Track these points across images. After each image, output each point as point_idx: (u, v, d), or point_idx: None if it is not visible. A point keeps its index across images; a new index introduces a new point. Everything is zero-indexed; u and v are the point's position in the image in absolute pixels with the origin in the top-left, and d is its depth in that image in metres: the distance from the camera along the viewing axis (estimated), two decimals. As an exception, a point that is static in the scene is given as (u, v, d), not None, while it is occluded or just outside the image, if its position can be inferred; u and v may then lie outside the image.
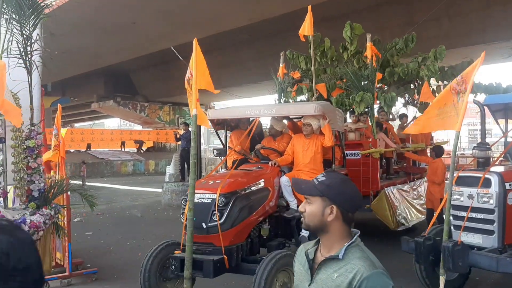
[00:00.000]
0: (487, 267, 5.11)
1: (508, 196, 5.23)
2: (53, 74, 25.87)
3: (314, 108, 6.38)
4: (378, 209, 8.64)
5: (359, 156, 8.79)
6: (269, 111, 6.76)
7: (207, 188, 5.59)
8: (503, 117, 7.13)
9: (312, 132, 6.59)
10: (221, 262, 5.19)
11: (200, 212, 5.29)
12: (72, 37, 17.83)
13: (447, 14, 16.28)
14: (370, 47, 9.41)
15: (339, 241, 1.95)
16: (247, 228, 5.73)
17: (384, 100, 9.10)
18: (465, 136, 34.40)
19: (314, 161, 6.53)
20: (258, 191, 5.96)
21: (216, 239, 5.25)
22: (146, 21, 15.86)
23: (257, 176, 6.21)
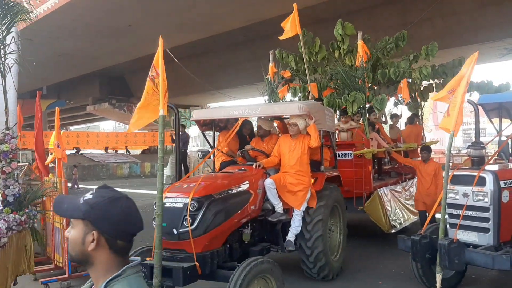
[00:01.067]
0: (483, 265, 5.18)
1: (503, 194, 5.31)
2: (48, 77, 25.92)
3: (299, 108, 6.22)
4: (372, 211, 8.54)
5: (352, 156, 8.66)
6: (253, 111, 6.59)
7: (180, 192, 5.34)
8: (497, 116, 7.22)
9: (298, 133, 6.44)
10: (192, 269, 4.93)
11: (172, 217, 5.08)
12: (67, 40, 17.85)
13: (440, 14, 16.36)
14: (361, 45, 9.29)
15: (104, 275, 1.59)
16: (224, 233, 5.49)
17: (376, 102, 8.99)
18: (459, 135, 34.53)
19: (301, 163, 6.35)
20: (236, 195, 5.70)
21: (188, 245, 5.01)
22: (141, 23, 15.88)
23: (237, 179, 5.96)
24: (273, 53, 10.54)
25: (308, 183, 6.31)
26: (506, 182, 5.37)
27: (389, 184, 9.49)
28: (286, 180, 6.29)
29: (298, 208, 6.24)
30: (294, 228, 6.30)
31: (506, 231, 5.37)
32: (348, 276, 7.00)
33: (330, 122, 7.27)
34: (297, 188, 6.26)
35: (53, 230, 7.57)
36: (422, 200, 8.16)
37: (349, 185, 8.37)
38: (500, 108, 7.07)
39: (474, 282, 6.56)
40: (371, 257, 8.08)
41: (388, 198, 8.89)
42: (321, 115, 6.79)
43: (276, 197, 6.20)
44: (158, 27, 16.54)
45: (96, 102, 31.21)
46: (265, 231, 6.47)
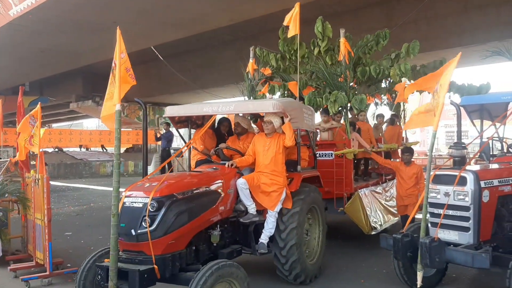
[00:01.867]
0: (463, 263, 5.23)
1: (483, 194, 5.37)
2: (31, 73, 25.60)
3: (273, 105, 6.02)
4: (352, 212, 8.41)
5: (333, 156, 8.49)
6: (227, 108, 6.34)
7: (140, 191, 5.12)
8: (479, 117, 7.33)
9: (273, 131, 6.27)
10: (150, 272, 4.72)
11: (130, 217, 4.91)
12: (51, 35, 17.62)
13: (425, 17, 16.52)
14: (344, 43, 9.05)
15: None
16: (188, 235, 5.25)
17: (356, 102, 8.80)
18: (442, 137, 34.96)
19: (275, 162, 6.17)
20: (203, 195, 5.50)
21: (146, 247, 4.80)
22: (127, 20, 15.70)
23: (205, 179, 5.76)
24: (253, 50, 10.34)
25: (282, 183, 6.16)
26: (486, 182, 5.44)
27: (369, 185, 9.36)
28: (260, 180, 6.14)
29: (272, 210, 6.08)
30: (268, 230, 6.14)
31: (486, 230, 5.43)
32: (330, 275, 7.04)
33: (309, 120, 7.07)
34: (271, 188, 6.10)
35: (34, 227, 7.49)
36: (402, 203, 8.03)
37: (330, 185, 8.25)
38: (481, 110, 7.18)
39: (455, 281, 6.64)
40: (354, 256, 8.13)
41: (368, 199, 8.79)
42: (298, 113, 6.60)
43: (248, 197, 6.05)
44: (143, 24, 16.45)
45: (79, 100, 30.88)
46: (237, 233, 6.30)
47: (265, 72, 10.01)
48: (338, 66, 9.06)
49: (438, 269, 6.06)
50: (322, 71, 9.16)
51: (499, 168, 6.13)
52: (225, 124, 7.59)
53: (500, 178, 5.67)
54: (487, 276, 6.83)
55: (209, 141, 7.21)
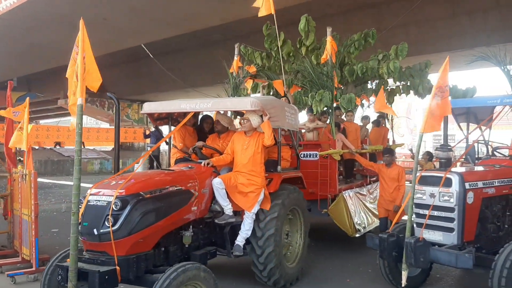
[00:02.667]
0: (447, 263, 5.33)
1: (468, 196, 5.47)
2: (18, 68, 25.39)
3: (251, 103, 5.83)
4: (336, 214, 8.22)
5: (317, 157, 8.31)
6: (205, 105, 6.11)
7: (105, 189, 4.93)
8: (465, 121, 7.44)
9: (252, 129, 6.10)
10: (111, 274, 4.51)
11: (94, 216, 4.75)
12: (40, 31, 17.53)
13: (414, 21, 16.70)
14: (330, 41, 8.75)
15: None
16: (155, 235, 5.06)
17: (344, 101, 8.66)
18: (429, 141, 35.29)
19: (253, 162, 5.98)
20: (173, 194, 5.29)
21: (109, 247, 4.62)
22: (117, 17, 15.71)
23: (176, 177, 5.57)
24: (238, 47, 10.11)
25: (260, 184, 5.96)
26: (471, 184, 5.54)
27: (354, 187, 9.21)
28: (237, 180, 5.95)
29: (249, 211, 5.89)
30: (244, 232, 5.94)
31: (470, 231, 5.53)
32: (316, 275, 7.09)
33: (291, 120, 6.88)
34: (248, 189, 5.91)
35: (20, 223, 7.45)
36: (384, 207, 7.89)
37: (314, 187, 8.12)
38: (468, 113, 7.29)
39: (439, 281, 6.74)
40: (340, 256, 8.20)
41: (353, 201, 8.66)
42: (279, 111, 6.41)
43: (225, 198, 5.86)
44: (134, 22, 16.44)
45: (67, 96, 30.65)
46: (213, 234, 6.13)
47: (250, 70, 9.80)
48: (325, 65, 8.84)
49: (422, 269, 6.15)
50: (308, 70, 8.96)
51: (484, 171, 6.23)
52: (207, 121, 7.43)
53: (484, 180, 5.78)
54: (470, 277, 6.94)
55: (190, 139, 7.00)
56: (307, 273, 7.03)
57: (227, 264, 7.12)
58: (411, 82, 9.75)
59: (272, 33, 9.61)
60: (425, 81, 9.81)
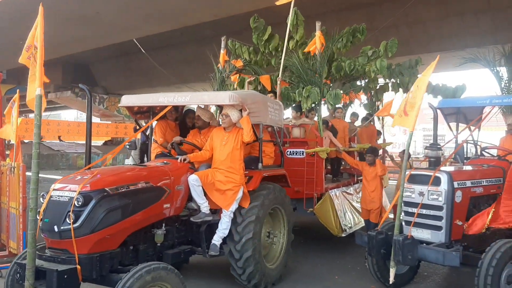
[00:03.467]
0: (434, 261, 5.38)
1: (456, 194, 5.53)
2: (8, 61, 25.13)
3: (229, 97, 5.62)
4: (322, 213, 8.01)
5: (304, 155, 8.09)
6: (183, 99, 5.93)
7: (69, 184, 4.73)
8: (455, 120, 7.50)
9: (231, 125, 5.92)
10: (71, 273, 4.32)
11: (55, 212, 4.56)
12: (30, 24, 17.33)
13: (406, 22, 16.80)
14: (319, 36, 8.49)
15: None
16: (121, 234, 4.84)
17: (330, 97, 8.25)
18: (419, 140, 35.57)
19: (232, 158, 5.79)
20: (142, 191, 5.08)
21: (70, 245, 4.43)
22: (110, 11, 15.63)
23: (147, 173, 5.37)
24: (224, 40, 9.80)
25: (239, 181, 5.76)
26: (459, 183, 5.59)
27: (341, 186, 8.98)
28: (215, 177, 5.76)
29: (227, 209, 5.69)
30: (221, 231, 5.75)
31: (457, 230, 5.58)
32: (304, 272, 7.12)
33: (274, 115, 6.68)
34: (226, 186, 5.71)
35: (8, 216, 7.39)
36: (366, 207, 7.86)
37: (300, 185, 7.92)
38: (458, 113, 7.35)
39: (426, 279, 6.80)
40: (328, 253, 8.23)
41: (339, 200, 8.45)
42: (260, 106, 6.21)
43: (201, 195, 5.67)
44: (126, 16, 16.38)
45: (58, 90, 30.49)
46: (190, 233, 5.94)
47: (237, 64, 9.49)
48: (313, 61, 8.58)
49: (410, 267, 6.19)
50: (295, 65, 8.65)
51: (472, 170, 6.29)
52: (190, 116, 7.21)
53: (473, 179, 5.84)
54: (457, 275, 7.02)
55: (171, 134, 6.76)
56: (295, 270, 7.06)
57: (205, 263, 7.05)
58: (401, 80, 9.59)
59: (260, 26, 9.29)
60: (414, 78, 9.34)
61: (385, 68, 8.70)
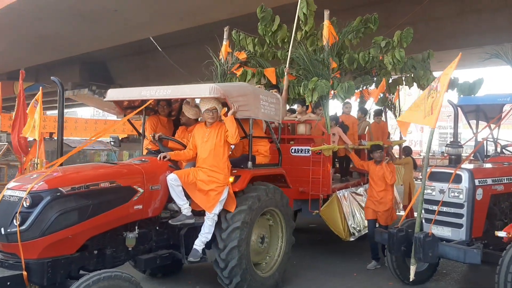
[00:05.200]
0: (455, 258, 5.39)
1: (477, 192, 5.52)
2: (27, 58, 25.51)
3: (210, 89, 5.16)
4: (328, 216, 7.53)
5: (309, 153, 7.59)
6: (164, 92, 5.54)
7: (22, 183, 4.41)
8: (475, 118, 7.46)
9: (216, 120, 5.50)
10: (15, 279, 4.04)
11: (3, 213, 4.26)
12: (50, 21, 17.59)
13: (422, 19, 16.66)
14: (328, 25, 7.95)
15: None
16: (79, 237, 4.45)
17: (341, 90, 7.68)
18: (435, 138, 35.33)
19: (215, 156, 5.35)
20: (107, 190, 4.69)
21: (18, 249, 4.10)
22: (128, 9, 15.78)
23: (114, 172, 4.97)
24: (227, 30, 9.30)
25: (223, 181, 5.33)
26: (480, 181, 5.59)
27: (350, 186, 8.42)
28: (197, 177, 5.34)
29: (209, 211, 5.28)
30: (203, 235, 5.33)
31: (478, 228, 5.58)
32: (323, 269, 7.15)
33: (269, 110, 6.18)
34: (208, 186, 5.29)
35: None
36: (372, 208, 7.24)
37: (305, 185, 7.49)
38: (478, 111, 7.31)
39: (445, 277, 6.80)
40: (347, 251, 8.24)
41: (347, 201, 7.92)
42: (250, 99, 5.76)
43: (181, 196, 5.25)
44: (143, 14, 16.50)
45: (75, 88, 30.76)
46: (172, 237, 5.54)
47: (240, 56, 8.95)
48: (321, 52, 8.05)
49: (429, 265, 6.21)
50: (302, 57, 8.06)
51: (493, 168, 6.28)
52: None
53: (493, 177, 5.83)
54: (476, 273, 7.01)
55: (163, 130, 6.33)
56: (312, 267, 7.10)
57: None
58: (415, 74, 9.15)
59: (267, 16, 8.74)
60: (427, 72, 9.28)
61: (403, 59, 8.27)
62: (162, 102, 6.35)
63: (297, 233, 6.69)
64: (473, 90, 8.85)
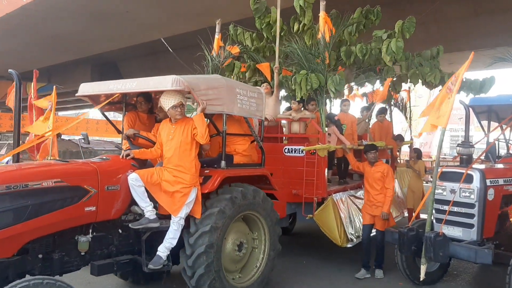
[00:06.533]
0: (466, 258, 5.38)
1: (488, 192, 5.50)
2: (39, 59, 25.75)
3: (172, 81, 4.73)
4: (323, 220, 7.07)
5: (303, 153, 7.18)
6: (130, 85, 5.16)
7: None
8: (486, 119, 7.44)
9: (182, 115, 5.11)
10: None
11: None
12: (62, 21, 17.73)
13: (434, 20, 16.58)
14: (324, 17, 7.55)
15: None
16: (15, 239, 4.17)
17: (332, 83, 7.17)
18: (447, 141, 35.08)
19: (180, 155, 4.97)
20: (50, 190, 4.33)
21: None
22: (139, 10, 15.86)
23: (63, 171, 4.61)
24: (219, 23, 8.96)
25: (190, 182, 4.94)
26: (492, 181, 5.57)
27: (348, 189, 7.93)
28: (162, 177, 4.97)
29: (174, 214, 4.90)
30: (168, 241, 4.93)
31: (489, 228, 5.57)
32: (331, 268, 7.18)
33: (247, 105, 5.69)
34: (174, 188, 4.91)
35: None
36: (369, 212, 6.83)
37: (298, 187, 7.10)
38: (489, 111, 7.29)
39: (456, 278, 6.77)
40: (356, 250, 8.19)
41: (345, 205, 7.45)
42: (222, 93, 5.28)
43: (143, 197, 4.88)
44: (154, 15, 16.58)
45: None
46: (137, 242, 5.13)
47: (232, 51, 8.55)
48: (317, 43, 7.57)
49: (440, 265, 6.20)
50: (297, 52, 7.59)
51: (505, 168, 6.26)
52: None
53: (505, 177, 5.81)
54: (487, 274, 6.98)
55: (141, 127, 5.93)
56: (321, 267, 7.08)
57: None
58: (420, 71, 8.62)
59: (261, 7, 8.32)
60: (435, 70, 8.67)
61: (401, 49, 7.67)
62: (140, 97, 5.95)
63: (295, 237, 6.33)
64: (483, 89, 8.52)
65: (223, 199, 5.12)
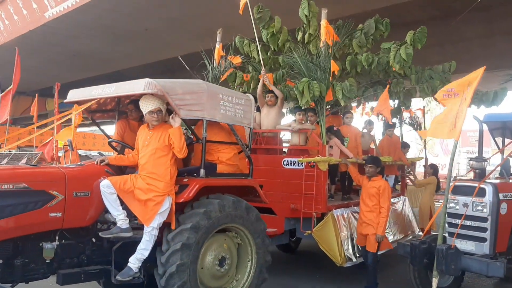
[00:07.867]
0: (478, 271, 5.37)
1: (501, 206, 5.52)
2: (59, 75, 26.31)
3: (145, 84, 4.51)
4: (322, 237, 6.79)
5: (303, 165, 6.91)
6: (108, 90, 4.98)
7: None
8: (501, 135, 7.44)
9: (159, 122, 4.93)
10: None
11: None
12: (84, 39, 18.16)
13: (450, 40, 16.63)
14: (325, 26, 7.34)
15: None
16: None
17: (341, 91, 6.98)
18: (463, 162, 34.73)
19: (154, 162, 4.78)
20: (12, 194, 4.21)
21: None
22: (159, 28, 16.19)
23: (26, 174, 4.51)
24: (220, 32, 8.83)
25: (163, 190, 4.72)
26: (505, 195, 5.58)
27: (351, 205, 7.59)
28: (136, 184, 4.76)
29: (147, 224, 4.66)
30: (139, 252, 4.68)
31: (502, 242, 5.57)
32: (345, 282, 7.14)
33: (232, 111, 5.38)
34: (146, 196, 4.69)
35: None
36: (361, 231, 6.61)
37: (297, 201, 6.82)
38: (504, 128, 7.30)
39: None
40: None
41: (346, 222, 7.14)
42: (203, 98, 5.02)
43: (115, 205, 4.70)
44: (173, 33, 16.90)
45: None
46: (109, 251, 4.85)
47: (234, 61, 8.37)
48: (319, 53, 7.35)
49: (454, 280, 6.17)
50: (298, 62, 7.37)
51: (518, 183, 6.24)
52: None
53: (518, 192, 5.79)
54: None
55: (131, 135, 5.70)
56: (336, 278, 7.01)
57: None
58: (430, 83, 8.39)
59: (265, 17, 8.05)
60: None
61: (411, 57, 7.45)
62: (130, 105, 5.76)
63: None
64: (495, 101, 8.37)
65: (196, 213, 4.78)
